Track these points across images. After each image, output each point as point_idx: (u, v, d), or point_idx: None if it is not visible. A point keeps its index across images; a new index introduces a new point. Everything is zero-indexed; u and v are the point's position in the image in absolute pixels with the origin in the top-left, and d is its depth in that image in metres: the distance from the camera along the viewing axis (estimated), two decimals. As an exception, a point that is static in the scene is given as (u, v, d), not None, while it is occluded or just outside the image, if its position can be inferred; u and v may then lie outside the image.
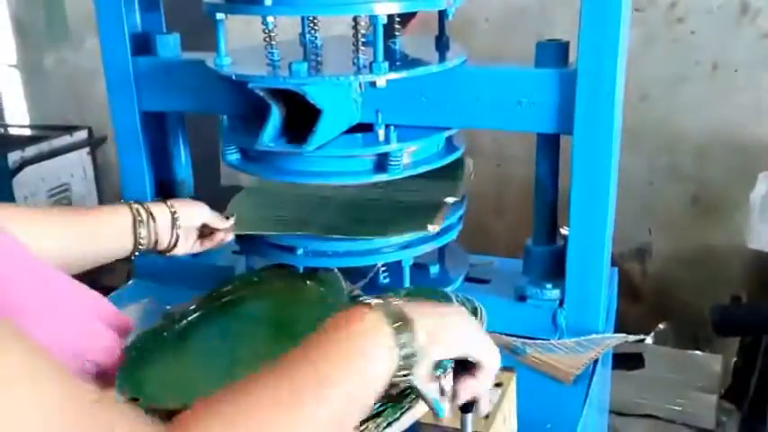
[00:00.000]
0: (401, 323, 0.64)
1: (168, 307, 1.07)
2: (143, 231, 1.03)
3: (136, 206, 1.04)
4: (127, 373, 0.93)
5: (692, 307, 2.25)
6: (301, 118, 1.02)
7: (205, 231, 1.14)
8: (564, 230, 1.13)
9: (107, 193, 2.89)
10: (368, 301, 0.65)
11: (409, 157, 1.11)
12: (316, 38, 1.14)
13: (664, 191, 2.31)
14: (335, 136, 1.08)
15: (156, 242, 1.06)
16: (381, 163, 1.09)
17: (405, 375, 0.64)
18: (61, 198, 2.80)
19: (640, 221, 2.34)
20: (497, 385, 0.82)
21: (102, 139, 2.83)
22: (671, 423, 1.91)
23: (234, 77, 1.04)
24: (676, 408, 1.92)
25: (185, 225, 1.09)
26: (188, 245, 1.12)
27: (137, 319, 1.08)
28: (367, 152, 1.09)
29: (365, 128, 1.11)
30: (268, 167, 1.13)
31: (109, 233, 1.01)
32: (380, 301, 0.65)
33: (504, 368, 0.85)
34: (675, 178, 2.29)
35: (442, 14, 1.15)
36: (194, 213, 1.12)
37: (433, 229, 1.10)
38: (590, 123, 1.02)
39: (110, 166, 2.77)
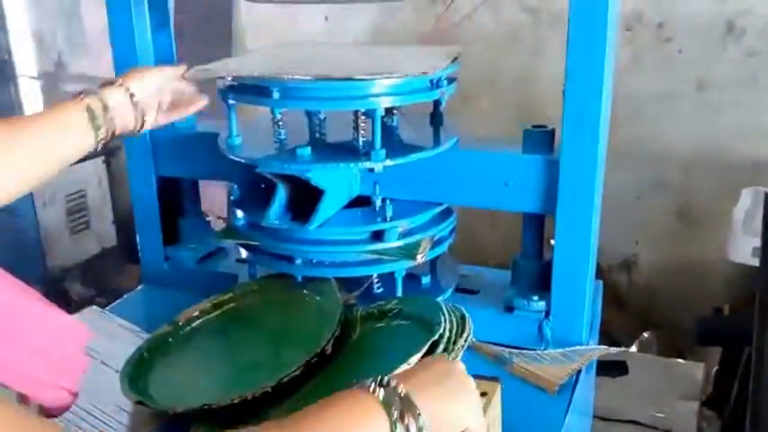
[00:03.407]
0: (401, 413, 0.64)
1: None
2: (102, 128, 0.95)
3: (88, 101, 0.95)
4: (133, 378, 0.98)
5: (676, 317, 2.30)
6: (305, 191, 1.09)
7: (173, 97, 1.09)
8: (553, 242, 1.18)
9: (121, 200, 2.98)
10: (371, 386, 0.65)
11: (404, 227, 1.17)
12: (319, 111, 1.19)
13: (650, 204, 2.35)
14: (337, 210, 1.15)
15: (121, 128, 1.00)
16: (378, 234, 1.15)
17: None
18: (78, 204, 2.90)
19: (627, 234, 2.39)
20: (482, 395, 0.87)
21: (116, 149, 2.93)
22: (653, 429, 1.93)
23: (243, 161, 1.12)
24: (659, 414, 1.94)
25: (144, 98, 1.02)
26: (157, 117, 1.06)
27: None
28: (365, 229, 1.15)
29: (364, 199, 1.19)
30: (273, 237, 1.17)
31: (67, 142, 0.93)
32: (383, 388, 0.65)
33: (490, 378, 0.90)
34: (661, 192, 2.33)
35: (437, 102, 1.21)
36: (149, 82, 1.04)
37: (420, 258, 1.15)
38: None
39: (123, 175, 2.84)
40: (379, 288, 1.23)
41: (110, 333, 1.15)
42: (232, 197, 1.23)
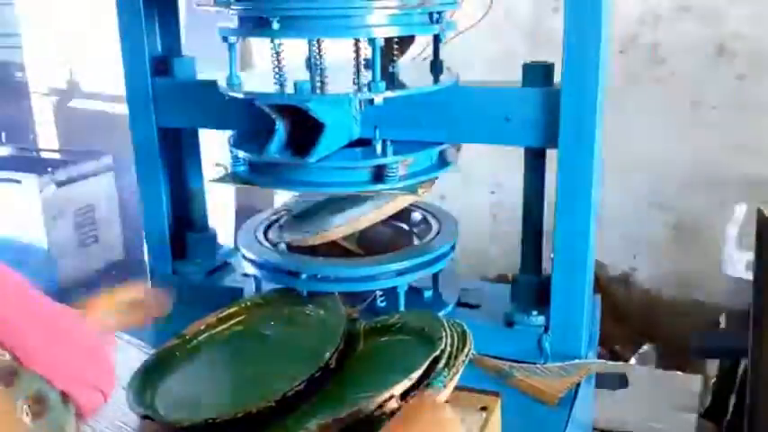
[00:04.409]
0: None
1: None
2: None
3: None
4: (140, 392, 0.99)
5: (674, 329, 2.32)
6: (305, 136, 1.09)
7: None
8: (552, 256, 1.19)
9: (129, 215, 3.01)
10: None
11: (405, 168, 1.17)
12: (320, 61, 1.20)
13: (647, 221, 2.39)
14: (336, 150, 1.15)
15: None
16: (379, 174, 1.15)
17: None
18: (87, 218, 2.93)
19: (626, 249, 2.41)
20: (483, 409, 0.89)
21: (124, 165, 2.97)
22: (653, 440, 1.95)
23: (242, 96, 1.11)
24: (658, 426, 1.95)
25: None
26: None
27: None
28: (365, 164, 1.15)
29: (365, 144, 1.18)
30: (273, 178, 1.18)
31: None
32: None
33: (490, 392, 0.92)
34: (658, 208, 2.37)
35: (436, 39, 1.22)
36: None
37: (422, 193, 1.15)
38: (574, 137, 1.09)
39: (132, 190, 2.88)
40: (382, 302, 1.24)
41: (117, 350, 1.17)
42: (231, 144, 1.22)
